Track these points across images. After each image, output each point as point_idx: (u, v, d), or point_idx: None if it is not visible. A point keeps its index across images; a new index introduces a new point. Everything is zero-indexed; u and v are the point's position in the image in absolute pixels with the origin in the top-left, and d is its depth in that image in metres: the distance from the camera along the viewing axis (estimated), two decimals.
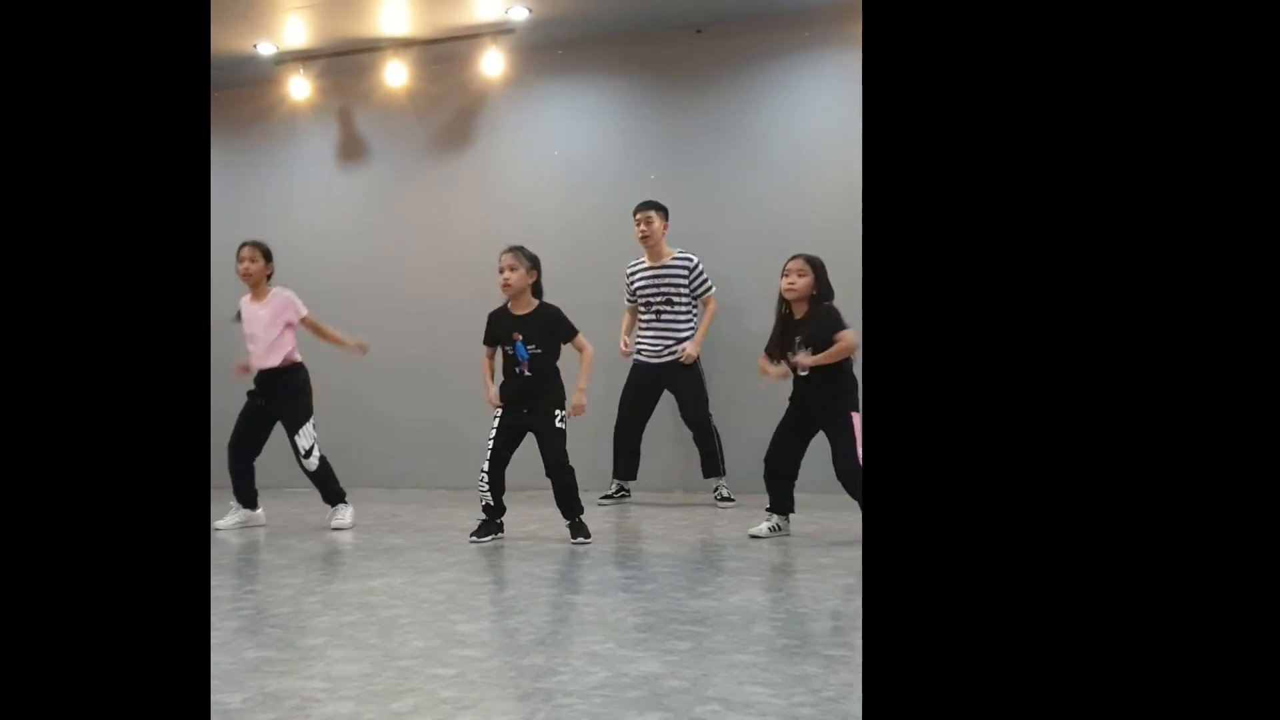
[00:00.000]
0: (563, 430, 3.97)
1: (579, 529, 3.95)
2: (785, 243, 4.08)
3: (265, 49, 5.96)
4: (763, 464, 4.04)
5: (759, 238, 5.27)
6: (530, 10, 5.44)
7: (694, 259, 5.12)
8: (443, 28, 5.76)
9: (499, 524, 4.06)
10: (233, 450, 4.52)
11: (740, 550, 3.71)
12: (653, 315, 5.12)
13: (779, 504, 4.01)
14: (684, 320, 5.09)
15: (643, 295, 5.15)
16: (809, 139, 5.46)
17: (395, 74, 6.05)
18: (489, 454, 4.00)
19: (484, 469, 3.99)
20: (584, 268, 5.30)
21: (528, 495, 4.83)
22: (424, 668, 2.19)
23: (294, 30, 5.75)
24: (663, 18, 5.54)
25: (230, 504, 4.58)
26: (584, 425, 4.47)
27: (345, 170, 6.44)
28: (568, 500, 3.99)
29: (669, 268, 5.11)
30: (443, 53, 5.99)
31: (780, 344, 3.98)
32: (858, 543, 3.56)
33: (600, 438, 5.24)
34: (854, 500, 3.86)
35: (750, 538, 3.94)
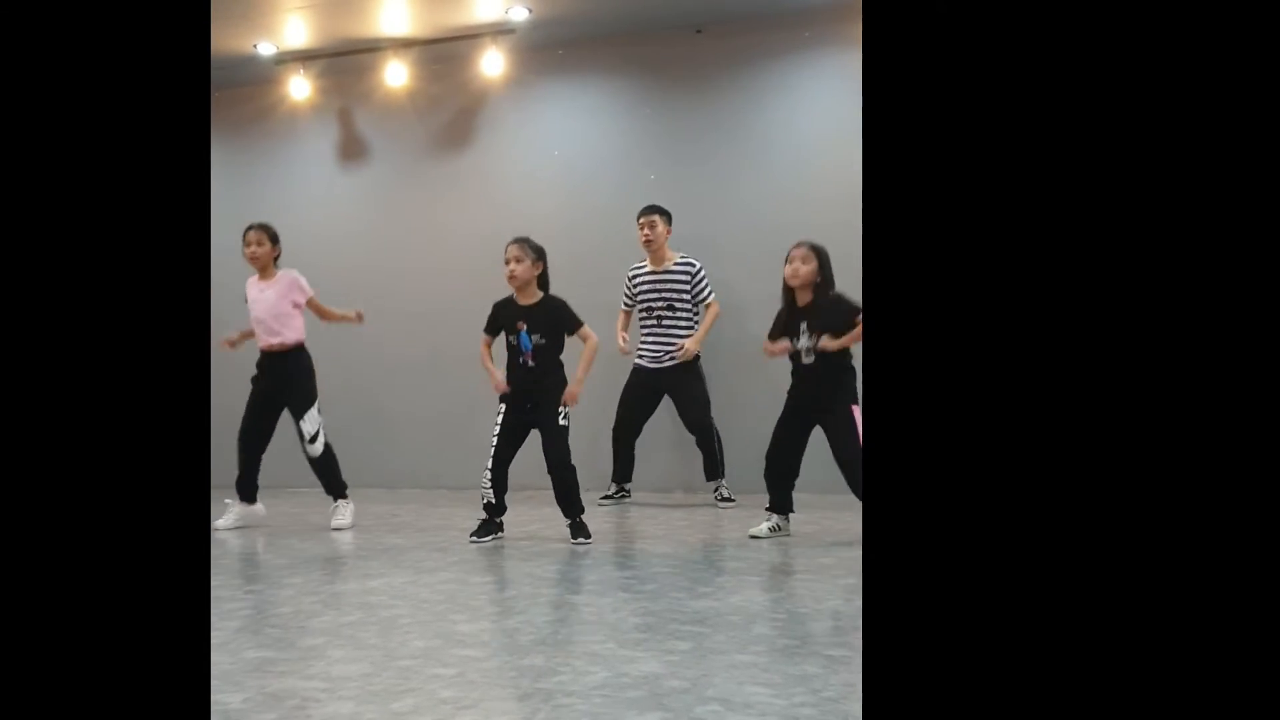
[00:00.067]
0: (566, 428, 3.96)
1: (579, 529, 3.95)
2: (785, 243, 4.07)
3: (265, 49, 5.96)
4: (763, 463, 4.04)
5: (759, 238, 5.27)
6: (530, 10, 5.44)
7: (696, 264, 5.11)
8: (443, 28, 5.76)
9: (499, 523, 4.06)
10: (242, 441, 4.52)
11: (740, 550, 3.71)
12: (654, 321, 5.12)
13: (778, 503, 4.02)
14: (684, 326, 5.08)
15: (644, 299, 5.14)
16: (809, 139, 5.46)
17: (395, 74, 6.05)
18: (492, 453, 4.00)
19: (488, 466, 3.99)
20: (584, 268, 5.30)
21: (528, 495, 4.83)
22: (424, 668, 2.19)
23: (294, 30, 5.75)
24: (663, 18, 5.54)
25: (225, 502, 4.57)
26: (584, 426, 4.48)
27: (345, 170, 6.44)
28: (568, 499, 3.98)
29: (671, 272, 5.11)
30: (443, 53, 6.00)
31: (784, 330, 3.98)
32: (858, 543, 3.56)
33: (600, 438, 5.24)
34: (855, 496, 3.85)
35: (750, 538, 3.94)
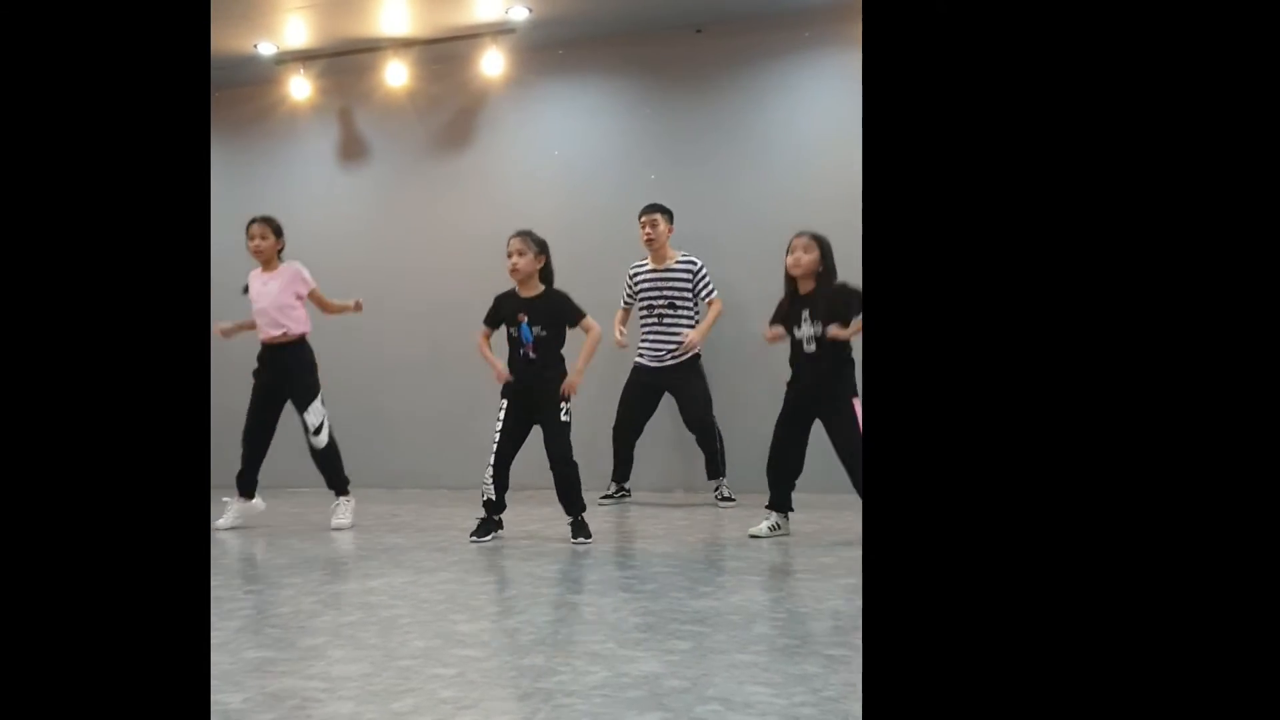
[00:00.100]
0: (568, 424, 3.96)
1: (580, 528, 3.94)
2: (785, 242, 4.07)
3: (265, 49, 5.96)
4: (765, 461, 4.04)
5: (759, 237, 5.27)
6: (530, 10, 5.44)
7: (698, 262, 5.11)
8: (443, 28, 5.76)
9: (498, 521, 4.05)
10: (246, 438, 4.51)
11: (741, 550, 3.71)
12: (655, 319, 5.11)
13: (778, 502, 4.01)
14: (686, 325, 5.08)
15: (645, 297, 5.14)
16: (809, 139, 5.46)
17: (395, 74, 6.05)
18: (494, 451, 3.99)
19: (490, 464, 3.99)
20: (584, 267, 5.30)
21: (528, 495, 4.83)
22: (424, 668, 2.19)
23: (294, 30, 5.76)
24: (663, 18, 5.54)
25: (224, 500, 4.57)
26: (583, 426, 4.47)
27: (346, 170, 6.45)
28: (569, 496, 3.98)
29: (672, 271, 5.11)
30: (443, 53, 6.00)
31: (786, 319, 3.98)
32: (858, 542, 3.56)
33: (600, 437, 5.24)
34: (857, 493, 3.84)
35: (750, 537, 3.94)
